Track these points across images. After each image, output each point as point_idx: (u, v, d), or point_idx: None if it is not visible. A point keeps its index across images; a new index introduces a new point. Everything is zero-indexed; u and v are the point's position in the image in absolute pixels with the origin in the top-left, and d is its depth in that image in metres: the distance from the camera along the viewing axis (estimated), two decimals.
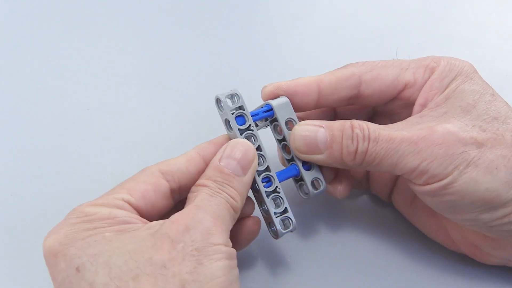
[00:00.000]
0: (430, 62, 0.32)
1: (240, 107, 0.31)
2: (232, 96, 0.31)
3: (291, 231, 0.32)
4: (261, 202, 0.32)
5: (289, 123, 0.33)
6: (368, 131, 0.29)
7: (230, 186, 0.29)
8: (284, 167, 0.34)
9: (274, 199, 0.32)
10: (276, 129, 0.33)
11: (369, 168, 0.30)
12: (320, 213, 0.36)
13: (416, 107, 0.32)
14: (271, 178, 0.32)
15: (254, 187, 0.32)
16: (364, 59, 0.34)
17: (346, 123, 0.30)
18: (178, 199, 0.31)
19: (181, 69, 0.48)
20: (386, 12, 0.54)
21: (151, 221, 0.28)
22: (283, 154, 0.33)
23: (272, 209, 0.32)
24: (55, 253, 0.26)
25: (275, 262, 0.35)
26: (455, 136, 0.28)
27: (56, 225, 0.27)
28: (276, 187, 0.32)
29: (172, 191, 0.30)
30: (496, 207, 0.28)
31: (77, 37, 0.50)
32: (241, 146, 0.30)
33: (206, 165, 0.30)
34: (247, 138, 0.31)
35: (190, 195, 0.29)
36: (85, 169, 0.40)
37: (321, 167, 0.33)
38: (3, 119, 0.43)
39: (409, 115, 0.32)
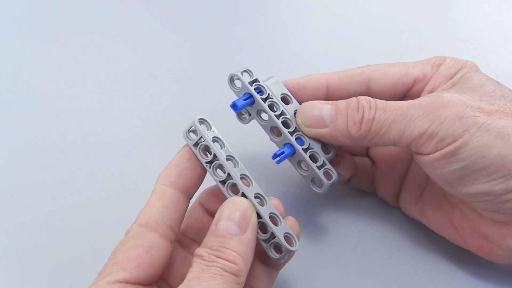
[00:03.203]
0: (436, 60, 0.34)
1: (255, 80, 0.33)
2: (244, 72, 0.33)
3: (334, 183, 0.33)
4: (298, 162, 0.33)
5: (284, 99, 0.34)
6: (375, 102, 0.30)
7: (226, 248, 0.26)
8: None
9: (311, 155, 0.33)
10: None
11: (375, 139, 0.30)
12: (324, 214, 0.36)
13: (423, 94, 0.33)
14: (302, 137, 0.33)
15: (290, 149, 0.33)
16: (367, 58, 0.34)
17: (352, 98, 0.31)
18: (174, 238, 0.28)
19: (182, 69, 0.48)
20: (387, 12, 0.55)
21: (157, 278, 0.27)
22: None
23: (312, 163, 0.32)
24: None
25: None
26: (464, 102, 0.28)
27: None
28: (309, 144, 0.33)
29: (163, 235, 0.27)
30: (509, 176, 0.27)
31: (78, 37, 0.50)
32: (237, 204, 0.27)
33: (184, 187, 0.29)
34: (270, 106, 0.33)
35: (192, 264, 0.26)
36: (85, 169, 0.39)
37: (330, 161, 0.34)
38: (3, 119, 0.43)
39: None
